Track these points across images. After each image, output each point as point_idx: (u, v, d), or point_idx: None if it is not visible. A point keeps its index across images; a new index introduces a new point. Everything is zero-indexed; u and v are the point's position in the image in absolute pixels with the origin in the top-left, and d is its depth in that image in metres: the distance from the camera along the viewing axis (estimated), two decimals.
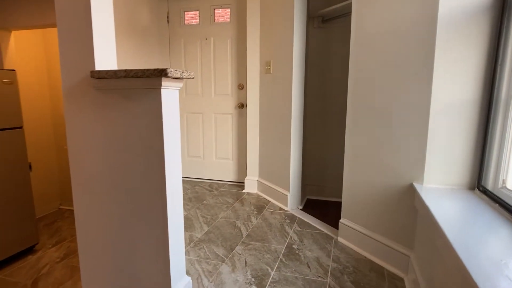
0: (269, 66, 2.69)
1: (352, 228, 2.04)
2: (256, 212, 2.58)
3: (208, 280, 1.73)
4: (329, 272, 1.78)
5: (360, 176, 1.96)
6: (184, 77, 1.32)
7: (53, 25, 2.71)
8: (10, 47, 2.85)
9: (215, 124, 3.21)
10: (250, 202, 2.78)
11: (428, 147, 1.57)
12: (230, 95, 3.10)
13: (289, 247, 2.06)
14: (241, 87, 3.04)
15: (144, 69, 1.24)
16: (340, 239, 2.13)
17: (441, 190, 1.54)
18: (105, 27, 1.44)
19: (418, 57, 1.57)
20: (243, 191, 3.05)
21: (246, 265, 1.86)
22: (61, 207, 3.96)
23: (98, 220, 1.50)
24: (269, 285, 1.68)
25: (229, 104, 3.12)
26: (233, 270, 1.81)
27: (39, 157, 3.67)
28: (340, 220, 2.13)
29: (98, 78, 1.33)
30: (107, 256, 1.51)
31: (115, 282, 1.52)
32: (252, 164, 2.98)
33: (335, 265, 1.85)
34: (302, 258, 1.93)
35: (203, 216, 2.50)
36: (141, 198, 1.38)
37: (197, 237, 2.18)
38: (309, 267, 1.84)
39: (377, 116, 1.82)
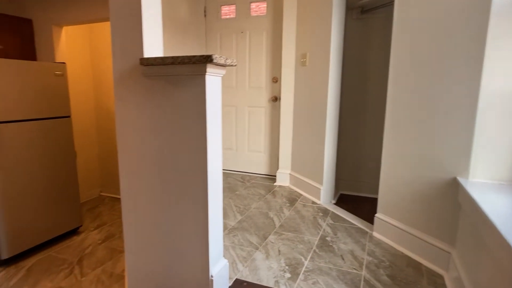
0: (305, 58, 2.68)
1: (388, 223, 1.99)
2: (288, 204, 2.59)
3: (243, 265, 1.77)
4: (364, 265, 1.76)
5: (399, 170, 1.91)
6: (228, 64, 1.36)
7: (101, 19, 2.87)
8: (61, 41, 3.05)
9: (248, 117, 3.25)
10: (282, 195, 2.80)
11: (475, 140, 1.51)
12: (264, 88, 3.12)
13: (323, 239, 2.05)
14: (275, 80, 3.06)
15: (190, 56, 1.29)
16: (375, 233, 2.09)
17: (489, 185, 1.47)
18: (153, 19, 1.51)
19: (468, 47, 1.51)
20: (275, 183, 3.07)
21: (279, 254, 1.88)
22: (101, 193, 4.19)
23: (143, 201, 1.58)
24: (303, 273, 1.69)
25: (263, 97, 3.14)
26: (267, 258, 1.84)
27: (83, 146, 3.91)
28: (376, 215, 2.09)
29: (147, 65, 1.40)
30: (151, 236, 1.59)
31: (158, 261, 1.60)
32: (285, 158, 2.99)
33: (370, 258, 1.82)
34: (336, 250, 1.92)
35: (236, 206, 2.55)
36: (184, 181, 1.44)
37: (231, 225, 2.23)
38: (343, 259, 1.82)
39: (420, 108, 1.76)
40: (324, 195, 2.61)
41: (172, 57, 1.34)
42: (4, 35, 2.76)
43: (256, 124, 3.21)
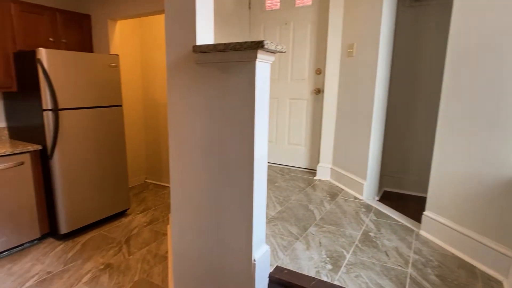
0: (352, 49, 2.61)
1: (438, 221, 1.89)
2: (329, 198, 2.55)
3: (283, 254, 1.78)
4: (410, 263, 1.69)
5: (453, 166, 1.80)
6: (278, 50, 1.37)
7: (152, 13, 3.01)
8: (115, 35, 3.25)
9: (289, 110, 3.23)
10: (322, 189, 2.76)
11: None
12: (307, 80, 3.09)
13: (365, 234, 2.00)
14: (319, 72, 3.01)
15: (242, 42, 1.32)
16: (422, 232, 2.00)
17: None
18: (205, 8, 1.56)
19: None
20: (315, 177, 3.04)
21: (320, 245, 1.87)
22: (146, 180, 4.42)
23: (190, 184, 1.65)
24: (345, 266, 1.67)
25: (305, 90, 3.11)
26: (307, 248, 1.83)
27: (130, 134, 4.14)
28: (424, 213, 2.00)
29: (199, 52, 1.45)
30: (196, 219, 1.66)
31: (202, 244, 1.66)
32: (326, 151, 2.95)
33: (416, 257, 1.75)
34: (380, 246, 1.87)
35: (275, 197, 2.57)
36: (231, 166, 1.48)
37: (271, 215, 2.25)
38: (387, 255, 1.77)
39: (483, 99, 1.64)
40: (367, 191, 2.54)
41: (224, 44, 1.37)
42: (67, 30, 2.99)
43: (297, 117, 3.19)
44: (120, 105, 3.09)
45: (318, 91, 3.04)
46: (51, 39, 2.86)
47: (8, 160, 2.40)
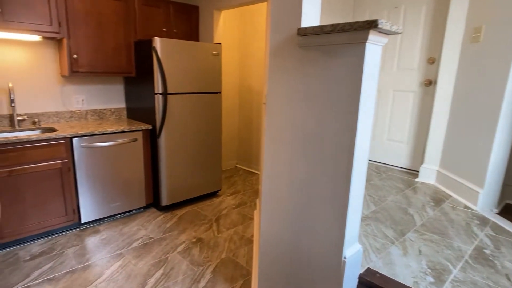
0: (479, 33, 2.21)
1: None
2: (432, 204, 2.25)
3: (376, 256, 1.63)
4: None
5: None
6: (393, 30, 1.22)
7: (254, 1, 3.06)
8: (219, 24, 3.42)
9: (392, 103, 2.95)
10: (425, 192, 2.45)
11: None
12: (416, 70, 2.75)
13: (478, 250, 1.70)
14: (432, 61, 2.65)
15: (352, 22, 1.21)
16: None
17: None
18: None
19: None
20: (416, 179, 2.72)
21: (420, 254, 1.65)
22: (237, 165, 4.63)
23: (283, 170, 1.62)
24: (450, 282, 1.44)
25: (413, 81, 2.78)
26: (404, 255, 1.65)
27: (225, 120, 4.35)
28: None
29: (304, 35, 1.39)
30: (287, 208, 1.63)
31: (290, 231, 1.64)
32: (433, 151, 2.60)
33: None
34: (499, 267, 1.56)
35: (369, 196, 2.38)
36: (328, 156, 1.40)
37: (364, 214, 2.09)
38: (509, 279, 1.46)
39: None
40: (484, 201, 2.15)
41: (332, 25, 1.28)
42: (178, 21, 3.27)
43: (400, 111, 2.89)
44: (220, 92, 3.26)
45: (429, 83, 2.69)
46: (164, 29, 3.16)
47: (125, 136, 2.76)
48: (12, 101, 2.44)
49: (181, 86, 2.93)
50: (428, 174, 2.64)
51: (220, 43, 3.19)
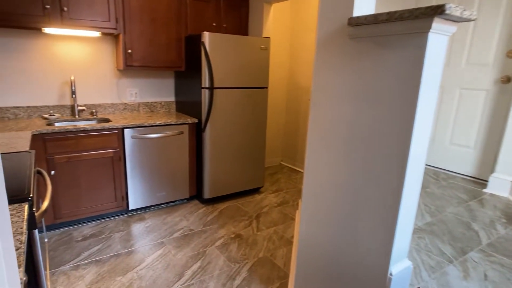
0: None
1: None
2: (504, 221, 1.95)
3: (429, 276, 1.44)
4: None
5: None
6: (465, 17, 1.03)
7: None
8: (269, 18, 3.34)
9: (457, 102, 2.62)
10: (495, 206, 2.14)
11: None
12: (491, 66, 2.40)
13: None
14: None
15: (412, 9, 1.05)
16: None
17: None
18: None
19: None
20: (484, 190, 2.39)
21: (485, 279, 1.42)
22: (281, 163, 4.54)
23: (326, 171, 1.50)
24: None
25: (486, 77, 2.43)
26: (464, 278, 1.43)
27: (271, 116, 4.28)
28: None
29: (356, 25, 1.25)
30: (329, 212, 1.51)
31: (331, 238, 1.51)
32: (508, 159, 2.25)
33: None
34: None
35: (425, 204, 2.14)
36: (378, 161, 1.25)
37: (417, 225, 1.88)
38: None
39: None
40: None
41: (388, 13, 1.13)
42: (228, 15, 3.25)
43: (468, 112, 2.55)
44: (266, 87, 3.19)
45: (508, 80, 2.33)
46: (214, 24, 3.17)
47: (172, 128, 2.83)
48: (73, 92, 2.63)
49: (228, 80, 2.91)
50: (499, 185, 2.30)
51: (269, 37, 3.11)
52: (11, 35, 2.50)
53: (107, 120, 2.80)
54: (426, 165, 2.87)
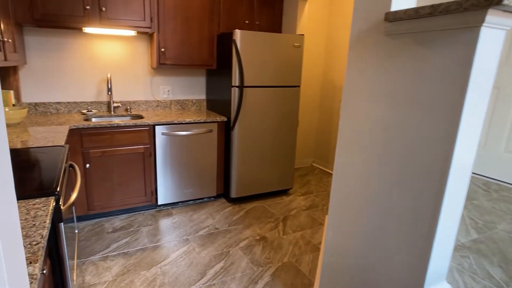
0: None
1: None
2: None
3: None
4: None
5: None
6: None
7: None
8: (304, 14, 3.24)
9: None
10: None
11: None
12: None
13: None
14: None
15: (461, 0, 0.92)
16: None
17: None
18: None
19: None
20: None
21: None
22: (313, 164, 4.41)
23: (355, 178, 1.40)
24: None
25: None
26: None
27: (303, 116, 4.16)
28: None
29: (393, 20, 1.14)
30: (357, 222, 1.41)
31: (357, 249, 1.41)
32: None
33: None
34: None
35: (470, 218, 1.94)
36: (414, 170, 1.13)
37: (459, 241, 1.71)
38: None
39: None
40: None
41: (431, 6, 1.01)
42: (261, 12, 3.20)
43: None
44: (298, 86, 3.10)
45: None
46: (246, 21, 3.13)
47: (202, 126, 2.83)
48: (109, 89, 2.72)
49: (259, 79, 2.86)
50: None
51: (303, 34, 3.01)
52: (56, 35, 2.64)
53: (140, 117, 2.87)
54: (475, 174, 2.62)
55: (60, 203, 1.16)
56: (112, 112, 2.90)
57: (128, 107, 2.98)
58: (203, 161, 2.93)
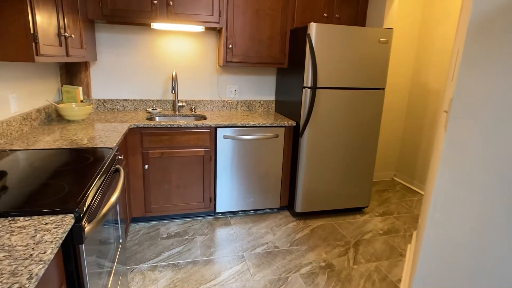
0: None
1: None
2: None
3: None
4: None
5: None
6: None
7: None
8: (393, 5, 2.72)
9: None
10: None
11: None
12: None
13: None
14: None
15: None
16: None
17: None
18: None
19: None
20: None
21: None
22: (394, 178, 3.81)
23: (466, 224, 0.96)
24: None
25: None
26: None
27: (386, 122, 3.60)
28: None
29: None
30: (464, 264, 0.97)
31: None
32: None
33: None
34: None
35: None
36: None
37: None
38: None
39: None
40: None
41: None
42: (342, 4, 2.79)
43: None
44: (383, 89, 2.62)
45: None
46: (325, 14, 2.76)
47: (267, 131, 2.56)
48: (173, 88, 2.63)
49: (335, 79, 2.47)
50: None
51: (391, 28, 2.52)
52: (125, 32, 2.65)
53: (203, 117, 2.74)
54: None
55: (84, 221, 1.00)
56: (177, 112, 2.82)
57: (193, 107, 2.88)
58: (267, 169, 2.66)
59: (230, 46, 2.59)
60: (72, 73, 2.55)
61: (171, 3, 2.35)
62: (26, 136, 1.78)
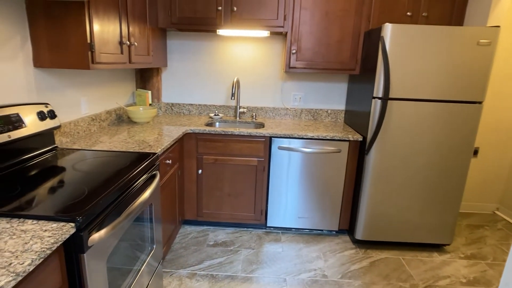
0: None
1: None
2: None
3: None
4: None
5: None
6: None
7: None
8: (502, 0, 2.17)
9: None
10: None
11: None
12: None
13: None
14: None
15: None
16: None
17: None
18: None
19: None
20: None
21: None
22: (496, 212, 3.08)
23: None
24: None
25: None
26: None
27: (484, 142, 2.93)
28: None
29: None
30: None
31: None
32: None
33: None
34: None
35: None
36: None
37: None
38: None
39: None
40: None
41: None
42: (433, 0, 2.35)
43: None
44: (480, 102, 2.12)
45: None
46: (409, 13, 2.36)
47: (328, 144, 2.32)
48: (232, 94, 2.59)
49: (412, 89, 2.09)
50: None
51: (498, 26, 2.00)
52: (193, 39, 2.73)
53: (262, 125, 2.63)
54: None
55: (91, 229, 0.99)
56: (237, 118, 2.79)
57: (254, 114, 2.80)
58: (327, 186, 2.41)
59: (294, 51, 2.44)
60: (145, 77, 2.75)
61: (235, 8, 2.32)
62: (90, 136, 1.96)
